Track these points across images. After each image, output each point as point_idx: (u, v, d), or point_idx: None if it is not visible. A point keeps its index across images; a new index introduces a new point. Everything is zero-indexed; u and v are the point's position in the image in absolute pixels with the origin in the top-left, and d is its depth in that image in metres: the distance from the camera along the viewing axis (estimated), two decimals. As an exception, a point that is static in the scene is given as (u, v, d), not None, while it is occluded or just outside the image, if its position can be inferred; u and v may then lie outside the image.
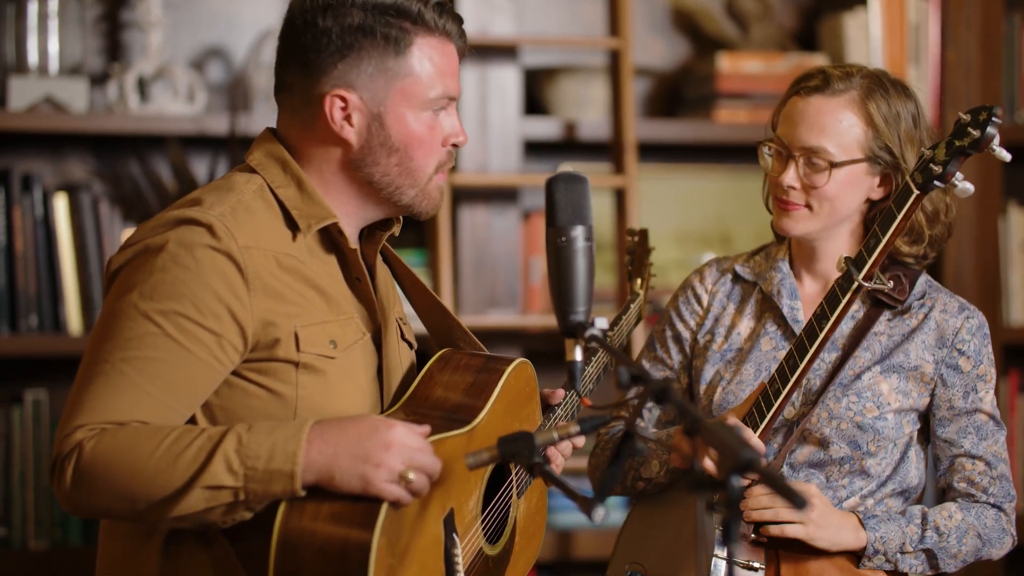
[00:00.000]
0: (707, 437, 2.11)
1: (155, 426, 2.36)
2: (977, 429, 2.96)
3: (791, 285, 3.03)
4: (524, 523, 2.76)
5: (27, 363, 4.40)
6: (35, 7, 4.30)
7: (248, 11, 4.57)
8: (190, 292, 2.41)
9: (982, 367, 2.96)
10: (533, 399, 2.76)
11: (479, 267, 4.53)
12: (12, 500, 4.29)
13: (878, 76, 2.96)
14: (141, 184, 4.46)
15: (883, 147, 2.92)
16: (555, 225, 2.46)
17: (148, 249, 2.44)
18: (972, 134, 2.72)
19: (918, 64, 4.71)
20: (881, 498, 2.96)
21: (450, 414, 2.57)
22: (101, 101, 4.44)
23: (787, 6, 4.97)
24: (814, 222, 2.95)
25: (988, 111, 2.71)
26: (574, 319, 2.42)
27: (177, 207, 2.50)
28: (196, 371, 2.41)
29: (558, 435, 2.39)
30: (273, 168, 2.57)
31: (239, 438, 2.34)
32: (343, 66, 2.53)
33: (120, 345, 2.39)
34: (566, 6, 4.82)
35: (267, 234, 2.50)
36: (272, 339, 2.46)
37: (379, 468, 2.35)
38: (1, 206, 4.25)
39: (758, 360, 3.01)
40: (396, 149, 2.55)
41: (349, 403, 2.54)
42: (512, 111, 4.53)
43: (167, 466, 2.33)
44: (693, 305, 3.13)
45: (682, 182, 4.78)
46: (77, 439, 2.35)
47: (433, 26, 2.55)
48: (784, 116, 2.98)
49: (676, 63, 4.90)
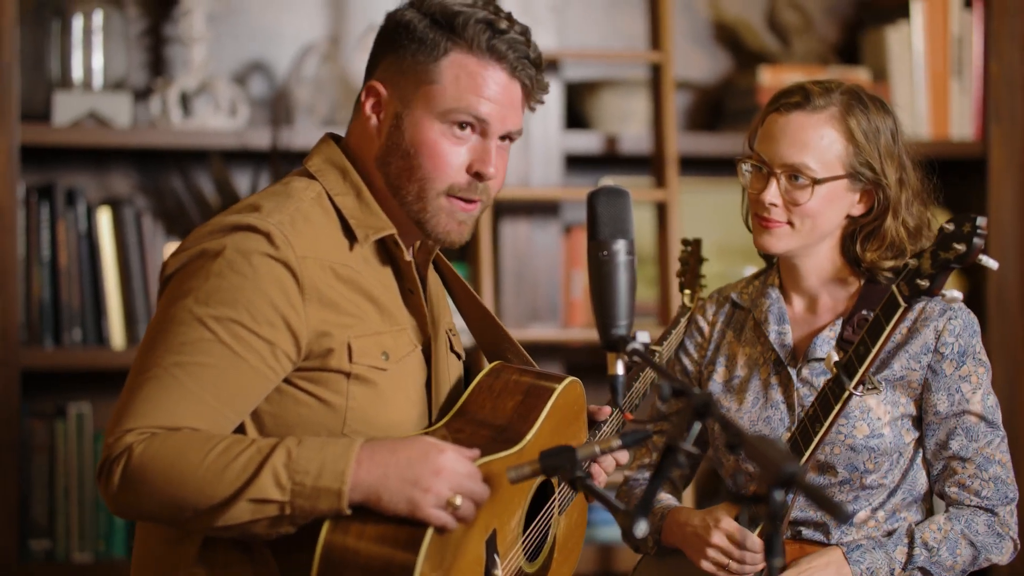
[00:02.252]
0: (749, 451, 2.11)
1: (205, 433, 2.36)
2: (966, 431, 2.91)
3: (779, 310, 3.02)
4: (563, 539, 2.75)
5: (71, 376, 4.42)
6: (80, 23, 4.33)
7: (290, 26, 4.59)
8: (246, 299, 2.40)
9: (965, 368, 2.92)
10: (580, 417, 2.76)
11: (520, 281, 4.53)
12: (56, 513, 4.31)
13: (857, 92, 2.94)
14: (183, 198, 4.48)
15: (864, 163, 2.90)
16: (597, 239, 2.46)
17: (205, 253, 2.44)
18: (957, 248, 2.67)
19: (961, 77, 4.69)
20: (892, 508, 2.94)
21: (498, 433, 2.56)
22: (144, 116, 4.46)
23: (829, 19, 4.96)
24: (795, 239, 2.93)
25: (972, 223, 2.66)
26: (616, 333, 2.42)
27: (236, 212, 2.49)
28: (248, 379, 2.41)
29: (600, 449, 2.39)
30: (332, 175, 2.57)
31: (288, 452, 2.33)
32: (386, 61, 2.56)
33: (174, 350, 2.39)
34: (608, 20, 4.82)
35: (324, 243, 2.50)
36: (325, 349, 2.46)
37: (427, 493, 2.34)
38: (45, 221, 4.28)
39: (756, 389, 3.01)
40: (407, 152, 2.53)
41: (398, 414, 2.54)
42: (553, 125, 4.53)
43: (215, 476, 2.32)
44: (696, 338, 3.13)
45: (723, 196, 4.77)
46: (127, 442, 2.35)
47: (474, 42, 2.52)
48: (764, 133, 2.96)
49: (717, 76, 4.90)
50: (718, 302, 3.13)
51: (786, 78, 4.62)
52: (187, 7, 4.37)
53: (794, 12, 4.84)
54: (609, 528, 4.54)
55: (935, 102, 4.69)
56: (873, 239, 2.94)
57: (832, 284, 3.00)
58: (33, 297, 4.26)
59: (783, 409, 2.97)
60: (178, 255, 2.48)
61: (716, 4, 4.89)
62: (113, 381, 4.44)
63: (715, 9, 4.89)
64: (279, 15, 4.60)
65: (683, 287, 3.24)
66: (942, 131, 4.68)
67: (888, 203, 2.92)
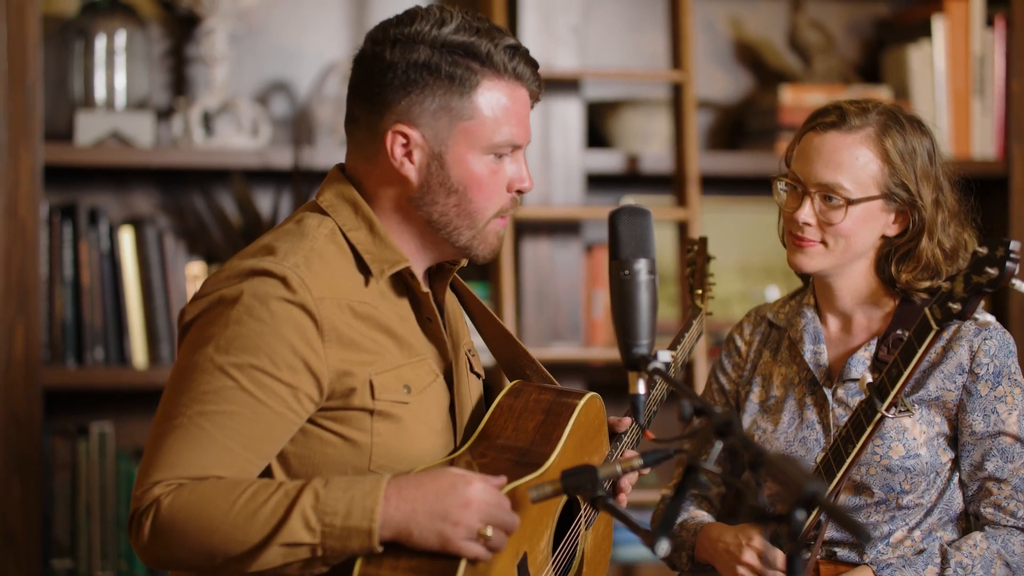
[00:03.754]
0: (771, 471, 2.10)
1: (232, 480, 2.36)
2: (1002, 452, 2.90)
3: (814, 329, 3.01)
4: (591, 552, 2.76)
5: (93, 395, 4.44)
6: (103, 43, 4.35)
7: (312, 45, 4.60)
8: (266, 345, 2.40)
9: (1000, 388, 2.90)
10: (602, 431, 2.76)
11: (542, 300, 4.53)
12: (78, 531, 4.31)
13: (894, 112, 2.94)
14: (205, 218, 4.49)
15: (899, 184, 2.90)
16: (618, 258, 2.46)
17: (223, 300, 2.44)
18: (990, 273, 2.65)
19: (983, 96, 4.69)
20: (928, 528, 2.92)
21: (521, 456, 2.56)
22: (166, 135, 4.47)
23: (850, 38, 4.96)
24: (828, 258, 2.93)
25: (1005, 247, 2.63)
26: (637, 352, 2.42)
27: (250, 255, 2.49)
28: (272, 424, 2.41)
29: (621, 468, 2.39)
30: (344, 210, 2.56)
31: (316, 494, 2.33)
32: (407, 102, 2.51)
33: (196, 399, 2.39)
34: (629, 39, 4.83)
35: (341, 281, 2.49)
36: (348, 388, 2.46)
37: (458, 526, 2.34)
38: (68, 240, 4.29)
39: (792, 409, 3.00)
40: (455, 190, 2.53)
41: (423, 445, 2.53)
42: (575, 144, 4.54)
43: (244, 522, 2.32)
44: (734, 357, 3.12)
45: (745, 215, 4.77)
46: (155, 495, 2.35)
47: (502, 69, 2.52)
48: (799, 152, 2.95)
49: (739, 96, 4.90)
50: (755, 322, 3.13)
51: (807, 97, 4.62)
52: (209, 27, 4.38)
53: (815, 31, 4.83)
54: (633, 547, 4.53)
55: (957, 121, 4.69)
56: (908, 260, 2.93)
57: (867, 304, 2.99)
58: (56, 316, 4.27)
59: (819, 429, 2.96)
60: (196, 302, 2.48)
61: (737, 23, 4.89)
62: (135, 400, 4.47)
63: (736, 28, 4.89)
64: (301, 35, 4.61)
65: (692, 287, 3.23)
66: (964, 150, 4.68)
67: (923, 224, 2.91)
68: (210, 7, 4.37)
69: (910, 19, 4.82)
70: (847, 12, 4.96)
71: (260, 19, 4.58)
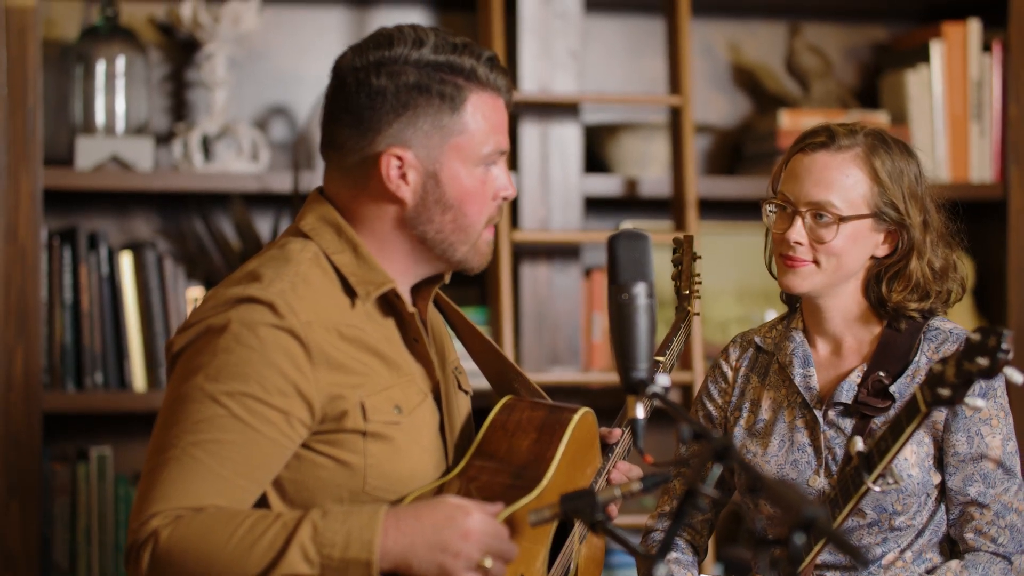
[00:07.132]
0: (769, 495, 2.11)
1: (230, 511, 2.36)
2: (984, 477, 2.91)
3: (803, 353, 3.02)
4: (585, 565, 2.77)
5: (92, 419, 4.44)
6: (103, 68, 4.36)
7: (311, 70, 4.61)
8: (255, 372, 2.41)
9: (985, 411, 2.92)
10: (594, 444, 2.78)
11: (541, 324, 4.53)
12: (77, 555, 4.31)
13: (881, 134, 2.97)
14: (205, 242, 4.50)
15: (888, 203, 2.92)
16: (617, 282, 2.46)
17: (211, 329, 2.44)
18: (980, 363, 2.59)
19: (980, 120, 4.70)
20: (919, 549, 2.93)
21: (516, 477, 2.57)
22: (166, 160, 4.48)
23: (848, 63, 4.97)
24: (820, 278, 2.94)
25: (998, 337, 2.58)
26: (636, 376, 2.42)
27: (236, 283, 2.50)
28: (266, 450, 2.41)
29: (620, 492, 2.39)
30: (327, 234, 2.57)
31: (314, 526, 2.34)
32: (399, 124, 2.52)
33: (189, 429, 2.39)
34: (627, 63, 4.84)
35: (326, 304, 2.50)
36: (339, 411, 2.46)
37: (458, 558, 2.35)
38: (68, 264, 4.30)
39: (782, 432, 3.00)
40: (451, 206, 2.55)
41: (415, 464, 2.54)
42: (573, 168, 4.54)
43: (242, 555, 2.33)
44: (720, 383, 3.13)
45: (743, 239, 4.78)
46: (152, 527, 2.36)
47: (485, 81, 2.55)
48: (788, 173, 2.97)
49: (737, 120, 4.91)
50: (741, 346, 3.13)
51: (805, 122, 4.63)
52: (209, 52, 4.40)
53: (813, 56, 4.85)
54: (629, 572, 4.52)
55: (954, 145, 4.70)
56: (898, 280, 2.95)
57: (856, 325, 3.00)
58: (55, 340, 4.28)
59: (810, 452, 2.96)
60: (184, 332, 2.48)
61: (735, 48, 4.91)
62: (135, 424, 4.47)
63: (734, 53, 4.91)
64: (300, 60, 4.62)
65: (678, 288, 3.23)
66: (962, 174, 4.69)
67: (912, 244, 2.93)
68: (210, 32, 4.38)
69: (908, 44, 4.83)
70: (845, 37, 4.98)
71: (259, 44, 4.59)
